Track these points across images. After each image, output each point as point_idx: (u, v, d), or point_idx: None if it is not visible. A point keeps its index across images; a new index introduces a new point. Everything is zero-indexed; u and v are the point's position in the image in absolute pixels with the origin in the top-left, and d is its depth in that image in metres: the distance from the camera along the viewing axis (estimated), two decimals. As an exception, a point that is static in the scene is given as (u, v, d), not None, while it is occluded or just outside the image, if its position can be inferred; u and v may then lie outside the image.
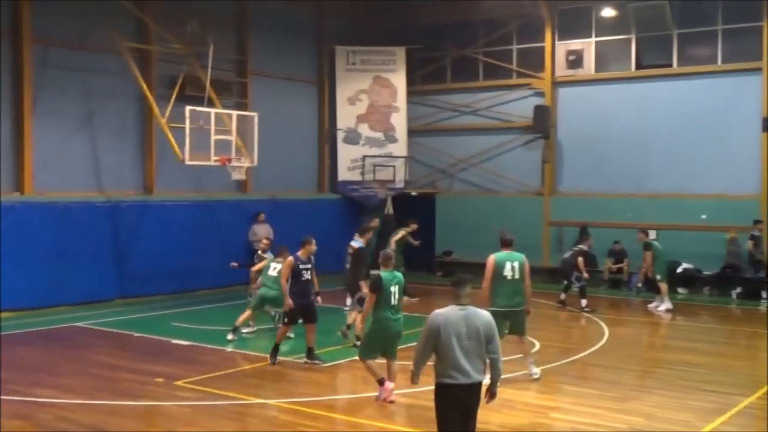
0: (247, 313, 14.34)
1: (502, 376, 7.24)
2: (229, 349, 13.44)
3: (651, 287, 18.63)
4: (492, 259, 11.50)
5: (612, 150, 22.04)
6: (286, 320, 12.51)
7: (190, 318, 16.46)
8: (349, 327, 14.10)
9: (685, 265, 20.39)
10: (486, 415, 9.61)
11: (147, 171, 19.47)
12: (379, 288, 10.08)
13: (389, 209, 23.40)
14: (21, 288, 16.52)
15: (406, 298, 18.26)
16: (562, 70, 22.82)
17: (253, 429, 9.40)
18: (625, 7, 21.52)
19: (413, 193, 24.66)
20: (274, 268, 13.86)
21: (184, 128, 16.96)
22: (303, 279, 12.28)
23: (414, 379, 7.27)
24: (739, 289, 19.61)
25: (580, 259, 17.97)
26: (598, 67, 22.45)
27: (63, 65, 17.87)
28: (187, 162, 17.24)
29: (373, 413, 9.86)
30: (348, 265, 15.09)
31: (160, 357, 12.81)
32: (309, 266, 12.43)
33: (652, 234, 18.84)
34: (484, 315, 7.05)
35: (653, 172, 21.43)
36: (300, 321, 12.48)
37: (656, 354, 14.39)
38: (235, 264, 16.68)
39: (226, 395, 10.50)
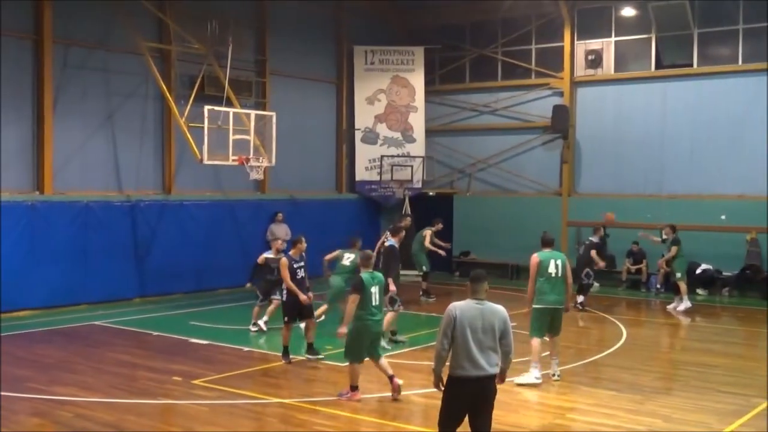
0: (324, 307, 14.59)
1: (523, 381, 7.19)
2: (246, 348, 13.47)
3: (670, 288, 18.51)
4: (536, 257, 11.57)
5: (631, 150, 21.92)
6: (286, 319, 12.57)
7: (208, 317, 16.52)
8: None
9: (704, 266, 20.25)
10: (503, 416, 9.59)
11: (166, 170, 19.58)
12: (361, 289, 10.10)
13: (407, 209, 23.39)
14: (41, 287, 16.66)
15: (423, 298, 18.46)
16: (581, 70, 22.72)
17: (270, 428, 9.42)
18: (645, 6, 21.39)
19: (431, 193, 24.64)
20: (347, 258, 14.28)
21: (202, 128, 17.03)
22: (298, 277, 12.50)
23: (436, 382, 7.23)
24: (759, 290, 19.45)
25: (593, 253, 17.82)
26: (618, 66, 22.33)
27: (83, 65, 17.99)
28: (206, 162, 17.30)
29: (390, 413, 9.86)
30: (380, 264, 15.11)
31: (179, 356, 12.86)
32: (302, 264, 12.70)
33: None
34: (500, 311, 7.14)
35: (673, 173, 21.29)
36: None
37: (675, 355, 14.30)
38: (249, 285, 16.03)
39: (244, 394, 10.54)
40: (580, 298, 17.57)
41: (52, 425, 9.30)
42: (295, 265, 12.52)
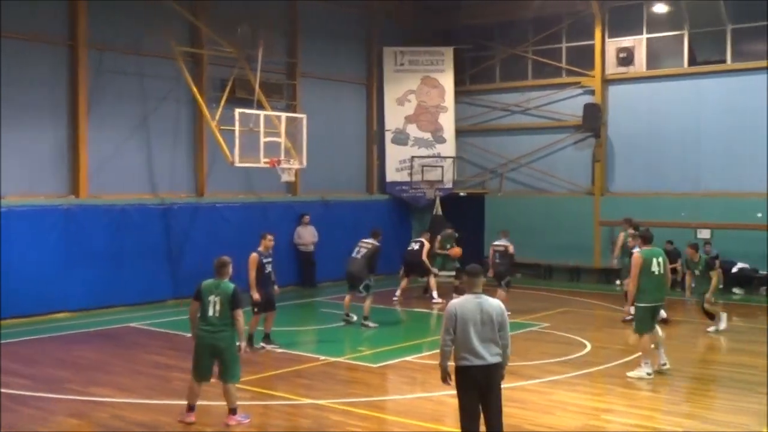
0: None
1: (552, 378, 7.20)
2: (279, 350, 13.54)
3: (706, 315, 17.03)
4: (640, 256, 11.66)
5: (664, 148, 21.71)
6: (256, 310, 13.17)
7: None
8: None
9: (740, 265, 20.00)
10: (537, 417, 9.57)
11: (198, 173, 19.73)
12: (198, 297, 9.66)
13: (438, 210, 23.38)
14: (78, 289, 16.88)
15: (441, 301, 18.24)
16: (612, 68, 22.54)
17: (303, 429, 9.47)
18: (677, 2, 21.18)
19: (462, 194, 24.59)
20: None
21: (234, 130, 17.15)
22: (266, 272, 13.18)
23: (443, 376, 7.64)
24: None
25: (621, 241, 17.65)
26: (650, 64, 22.13)
27: (117, 70, 18.18)
28: (237, 164, 17.42)
29: (422, 414, 9.85)
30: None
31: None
32: (270, 260, 13.34)
33: (706, 233, 18.43)
34: (497, 303, 7.60)
35: (707, 170, 21.05)
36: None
37: (711, 355, 14.12)
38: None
39: (277, 395, 10.60)
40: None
41: (89, 426, 9.42)
42: (264, 261, 13.14)
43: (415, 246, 19.03)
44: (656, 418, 9.65)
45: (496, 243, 17.64)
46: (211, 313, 9.44)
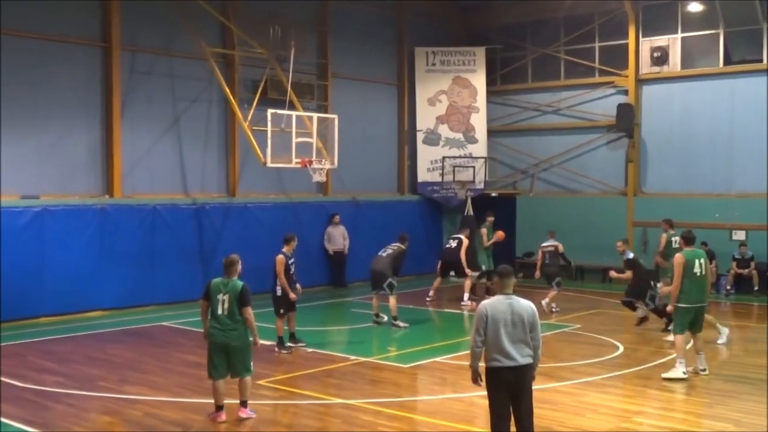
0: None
1: (584, 380, 7.14)
2: (310, 349, 13.58)
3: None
4: (682, 258, 11.66)
5: (699, 148, 21.46)
6: (281, 311, 13.35)
7: (271, 318, 16.66)
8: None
9: (777, 267, 19.71)
10: (568, 418, 9.50)
11: (230, 173, 19.86)
12: (208, 296, 9.71)
13: (469, 210, 23.29)
14: (112, 288, 17.10)
15: (470, 303, 18.07)
16: (646, 67, 22.32)
17: (334, 428, 9.48)
18: (712, 1, 20.92)
19: (493, 194, 24.48)
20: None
21: (265, 131, 17.23)
22: (290, 273, 13.29)
23: (474, 377, 7.64)
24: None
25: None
26: (684, 63, 21.88)
27: (150, 71, 18.37)
28: (269, 164, 17.50)
29: (452, 414, 9.83)
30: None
31: (243, 356, 13.00)
32: (293, 260, 13.48)
33: (741, 234, 18.18)
34: (528, 304, 7.53)
35: (742, 171, 20.75)
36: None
37: (746, 358, 13.90)
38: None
39: (307, 395, 10.63)
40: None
41: (122, 424, 9.52)
42: (289, 262, 13.23)
43: (453, 243, 18.74)
44: (689, 420, 9.53)
45: (544, 244, 17.92)
46: (220, 311, 9.51)
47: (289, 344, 13.47)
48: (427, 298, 18.69)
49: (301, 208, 20.78)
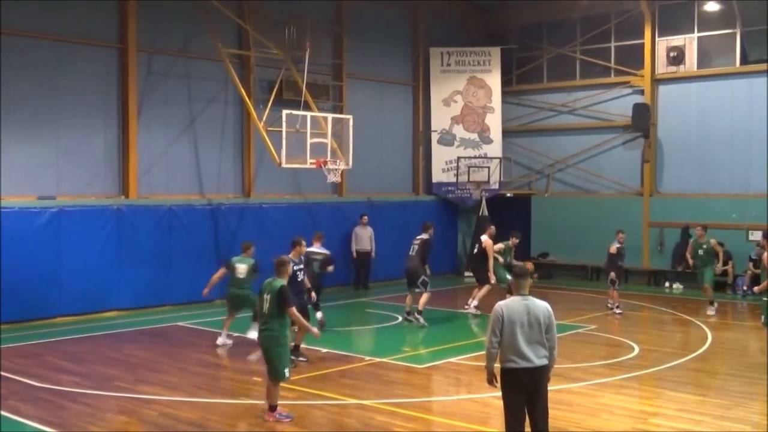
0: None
1: (600, 381, 7.12)
2: (324, 350, 13.59)
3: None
4: None
5: (715, 148, 21.34)
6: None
7: (287, 318, 16.70)
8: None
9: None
10: (584, 420, 9.46)
11: (246, 174, 19.91)
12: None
13: (483, 211, 23.26)
14: (128, 288, 17.18)
15: (475, 311, 17.76)
16: (662, 67, 22.21)
17: (349, 429, 9.48)
18: (728, 1, 20.78)
19: (508, 194, 24.44)
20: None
21: (281, 132, 17.25)
22: (298, 280, 12.46)
23: (489, 378, 7.63)
24: None
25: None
26: (701, 63, 21.76)
27: (166, 72, 18.45)
28: (284, 165, 17.52)
29: (467, 415, 9.81)
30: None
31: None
32: (301, 266, 12.76)
33: (758, 235, 18.07)
34: (544, 305, 7.50)
35: (759, 171, 20.58)
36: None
37: (763, 359, 13.81)
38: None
39: (323, 395, 10.64)
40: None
41: (137, 423, 9.56)
42: (295, 268, 12.26)
43: (475, 249, 18.01)
44: (706, 422, 9.47)
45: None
46: (264, 310, 9.65)
47: (291, 357, 13.09)
48: (467, 307, 18.06)
49: (317, 209, 20.80)
